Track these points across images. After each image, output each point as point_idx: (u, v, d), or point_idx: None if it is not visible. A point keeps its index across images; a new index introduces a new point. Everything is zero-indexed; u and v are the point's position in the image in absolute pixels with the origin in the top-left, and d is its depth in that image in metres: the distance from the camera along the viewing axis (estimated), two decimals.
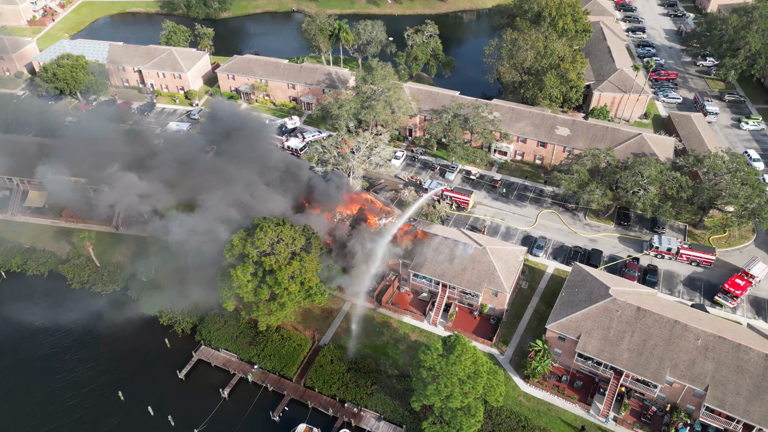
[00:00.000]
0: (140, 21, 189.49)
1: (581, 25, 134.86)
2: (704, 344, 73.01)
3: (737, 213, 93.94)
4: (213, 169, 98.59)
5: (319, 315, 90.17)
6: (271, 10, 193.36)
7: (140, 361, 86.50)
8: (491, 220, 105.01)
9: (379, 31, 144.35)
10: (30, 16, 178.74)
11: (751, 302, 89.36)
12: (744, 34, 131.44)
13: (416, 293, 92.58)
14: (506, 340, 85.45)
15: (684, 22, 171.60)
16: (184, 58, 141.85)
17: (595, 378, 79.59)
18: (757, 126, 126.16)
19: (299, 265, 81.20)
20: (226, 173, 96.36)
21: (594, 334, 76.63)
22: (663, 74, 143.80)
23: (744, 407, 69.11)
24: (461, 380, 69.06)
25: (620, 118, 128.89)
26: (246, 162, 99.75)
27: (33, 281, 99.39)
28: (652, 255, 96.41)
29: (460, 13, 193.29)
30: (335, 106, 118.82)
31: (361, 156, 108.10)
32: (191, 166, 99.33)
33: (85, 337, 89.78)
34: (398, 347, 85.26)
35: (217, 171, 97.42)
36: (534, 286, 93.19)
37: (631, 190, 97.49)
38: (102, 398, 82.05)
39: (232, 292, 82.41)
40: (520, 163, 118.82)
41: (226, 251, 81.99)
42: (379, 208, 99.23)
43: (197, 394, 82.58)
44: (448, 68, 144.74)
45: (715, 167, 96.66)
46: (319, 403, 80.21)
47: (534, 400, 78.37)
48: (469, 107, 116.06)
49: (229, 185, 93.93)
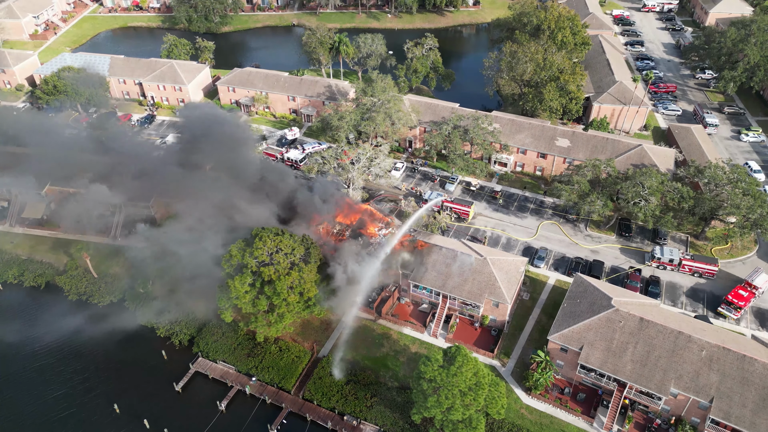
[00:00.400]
0: (142, 35, 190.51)
1: (580, 38, 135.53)
2: (709, 355, 71.96)
3: (739, 223, 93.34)
4: (180, 179, 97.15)
5: (318, 326, 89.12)
6: (271, 24, 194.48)
7: (136, 373, 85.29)
8: (492, 231, 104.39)
9: (379, 45, 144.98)
10: (32, 30, 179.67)
11: (754, 314, 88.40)
12: (742, 46, 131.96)
13: (416, 304, 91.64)
14: (508, 352, 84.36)
15: (682, 36, 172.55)
16: (185, 70, 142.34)
17: (598, 390, 78.39)
18: (758, 138, 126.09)
19: (298, 275, 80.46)
20: (195, 184, 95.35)
21: (597, 346, 75.60)
22: (662, 87, 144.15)
23: (750, 419, 67.89)
24: (462, 392, 67.92)
25: (620, 130, 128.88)
26: (222, 170, 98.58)
27: (30, 293, 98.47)
28: (654, 266, 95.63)
29: (460, 27, 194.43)
30: (335, 117, 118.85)
31: (361, 167, 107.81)
32: (157, 176, 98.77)
33: (81, 349, 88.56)
34: (398, 359, 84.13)
35: (184, 181, 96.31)
36: (535, 297, 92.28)
37: (632, 201, 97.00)
38: (97, 410, 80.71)
39: (230, 302, 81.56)
40: (520, 175, 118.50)
41: (225, 261, 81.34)
42: (379, 219, 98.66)
43: (194, 406, 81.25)
44: (448, 81, 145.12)
45: (716, 178, 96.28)
46: (318, 415, 78.92)
47: (536, 412, 77.10)
48: (469, 119, 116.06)
49: (200, 196, 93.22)
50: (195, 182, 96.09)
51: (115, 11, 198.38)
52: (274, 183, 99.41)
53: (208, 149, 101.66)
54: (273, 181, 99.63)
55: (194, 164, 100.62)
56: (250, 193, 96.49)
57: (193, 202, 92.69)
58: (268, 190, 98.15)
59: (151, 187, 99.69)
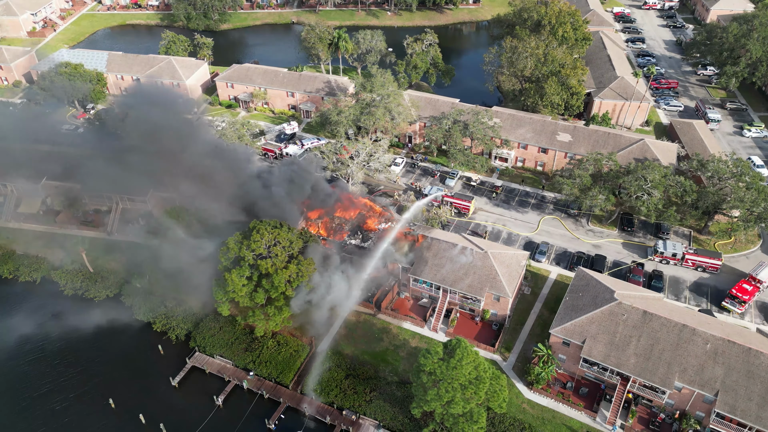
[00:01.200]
0: (140, 33, 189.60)
1: (581, 34, 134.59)
2: (713, 348, 70.74)
3: (743, 217, 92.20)
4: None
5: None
6: (270, 22, 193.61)
7: (132, 368, 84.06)
8: (492, 226, 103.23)
9: (379, 41, 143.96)
10: (30, 28, 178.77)
11: (759, 308, 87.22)
12: (744, 42, 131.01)
13: (416, 299, 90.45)
14: (509, 347, 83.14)
15: (683, 33, 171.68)
16: (183, 66, 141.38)
17: (601, 384, 77.14)
18: (760, 133, 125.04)
19: (296, 268, 79.29)
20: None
21: (599, 339, 74.40)
22: (663, 83, 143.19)
23: (756, 413, 66.65)
24: (463, 385, 66.66)
25: (621, 126, 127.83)
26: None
27: (25, 287, 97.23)
28: (657, 260, 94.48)
29: (460, 25, 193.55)
30: (334, 112, 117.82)
31: (360, 162, 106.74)
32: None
33: (76, 343, 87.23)
34: (398, 353, 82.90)
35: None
36: (537, 292, 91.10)
37: (634, 195, 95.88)
38: (92, 404, 79.45)
39: (227, 296, 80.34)
40: (521, 170, 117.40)
41: (222, 254, 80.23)
42: (378, 213, 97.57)
43: (191, 401, 79.99)
44: (448, 77, 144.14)
45: (719, 171, 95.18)
46: (316, 410, 77.62)
47: (538, 407, 75.82)
48: (469, 113, 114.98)
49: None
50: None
51: (114, 9, 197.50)
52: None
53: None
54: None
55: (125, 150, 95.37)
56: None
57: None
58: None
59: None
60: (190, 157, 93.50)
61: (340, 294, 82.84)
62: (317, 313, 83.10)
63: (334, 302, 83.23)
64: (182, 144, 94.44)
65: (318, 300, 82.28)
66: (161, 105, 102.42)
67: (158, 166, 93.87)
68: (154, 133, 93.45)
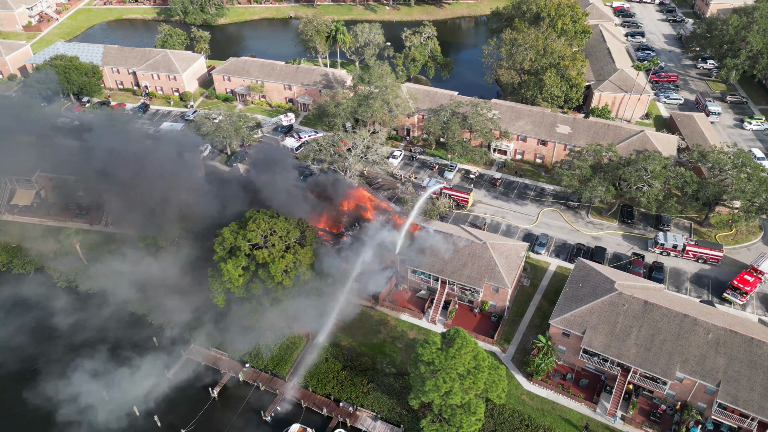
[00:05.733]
0: (137, 27, 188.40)
1: (580, 26, 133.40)
2: (715, 338, 69.82)
3: (744, 208, 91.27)
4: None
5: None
6: (268, 16, 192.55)
7: (127, 360, 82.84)
8: (491, 218, 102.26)
9: (377, 34, 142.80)
10: (26, 22, 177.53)
11: (760, 299, 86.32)
12: (745, 34, 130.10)
13: (414, 290, 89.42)
14: (508, 338, 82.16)
15: (683, 27, 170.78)
16: (180, 60, 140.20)
17: (601, 375, 76.19)
18: (761, 126, 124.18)
19: (293, 258, 78.25)
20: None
21: (600, 330, 73.44)
22: (663, 76, 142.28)
23: (759, 403, 65.75)
24: (461, 375, 65.67)
25: (621, 119, 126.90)
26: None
27: (18, 279, 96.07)
28: (658, 252, 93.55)
29: (458, 19, 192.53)
30: (332, 104, 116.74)
31: (358, 153, 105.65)
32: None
33: (70, 336, 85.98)
34: (396, 345, 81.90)
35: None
36: (536, 283, 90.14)
37: (635, 186, 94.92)
38: (86, 397, 78.03)
39: (222, 287, 79.25)
40: (520, 162, 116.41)
41: (217, 244, 79.07)
42: (376, 205, 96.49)
43: (185, 393, 78.86)
44: (447, 70, 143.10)
45: (720, 162, 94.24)
46: (313, 402, 76.58)
47: (538, 398, 74.86)
48: (468, 105, 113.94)
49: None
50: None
51: (110, 3, 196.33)
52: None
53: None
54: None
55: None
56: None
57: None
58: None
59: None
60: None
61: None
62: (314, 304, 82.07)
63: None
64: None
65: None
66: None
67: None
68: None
